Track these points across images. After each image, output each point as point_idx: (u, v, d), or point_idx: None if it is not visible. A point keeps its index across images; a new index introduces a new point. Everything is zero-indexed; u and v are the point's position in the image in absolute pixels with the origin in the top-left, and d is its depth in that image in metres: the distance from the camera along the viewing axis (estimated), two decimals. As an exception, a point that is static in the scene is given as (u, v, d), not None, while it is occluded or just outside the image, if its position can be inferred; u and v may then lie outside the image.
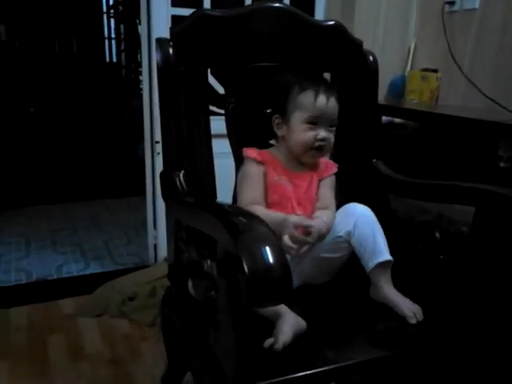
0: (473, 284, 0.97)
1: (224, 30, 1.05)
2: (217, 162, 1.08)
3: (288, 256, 0.74)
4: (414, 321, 0.86)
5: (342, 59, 1.19)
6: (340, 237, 0.94)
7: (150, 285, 1.73)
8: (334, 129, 1.00)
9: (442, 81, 1.84)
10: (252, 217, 0.71)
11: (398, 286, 0.92)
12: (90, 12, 4.80)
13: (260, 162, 1.01)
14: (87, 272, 2.03)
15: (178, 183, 0.97)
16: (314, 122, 0.97)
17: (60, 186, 3.16)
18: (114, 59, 5.18)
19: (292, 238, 0.87)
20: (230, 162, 1.11)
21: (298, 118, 0.98)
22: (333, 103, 0.98)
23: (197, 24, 1.03)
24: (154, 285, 1.72)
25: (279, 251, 0.63)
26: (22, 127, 3.92)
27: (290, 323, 0.79)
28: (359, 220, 0.93)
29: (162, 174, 1.03)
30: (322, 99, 0.97)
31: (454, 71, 1.79)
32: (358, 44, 1.19)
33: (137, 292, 1.69)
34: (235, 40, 1.07)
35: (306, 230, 0.89)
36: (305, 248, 0.89)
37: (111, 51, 5.15)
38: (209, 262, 0.85)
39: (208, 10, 1.04)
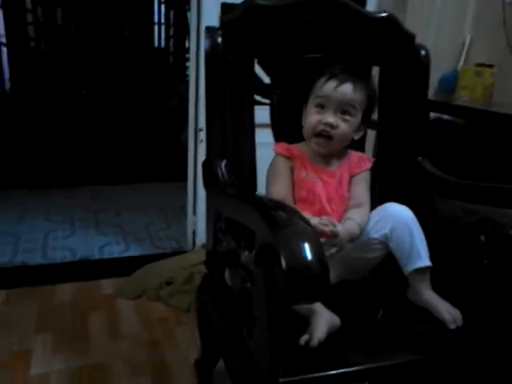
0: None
1: (274, 20, 1.04)
2: (258, 152, 1.08)
3: None
4: (453, 326, 0.83)
5: (392, 52, 1.15)
6: (376, 239, 0.92)
7: (187, 271, 1.76)
8: (348, 117, 0.95)
9: (497, 77, 1.75)
10: (292, 211, 0.71)
11: (438, 289, 0.90)
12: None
13: (288, 158, 1.00)
14: (127, 254, 2.09)
15: (219, 173, 0.98)
16: (321, 105, 0.95)
17: (105, 168, 3.26)
18: (163, 45, 5.24)
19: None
20: (271, 152, 1.10)
21: (310, 103, 0.98)
22: (347, 88, 0.94)
23: (247, 13, 1.02)
24: (191, 271, 1.75)
25: (318, 247, 0.62)
26: (74, 109, 4.04)
27: (324, 320, 0.79)
28: (397, 222, 0.90)
29: (204, 163, 1.03)
30: (331, 83, 0.95)
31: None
32: (410, 37, 1.15)
33: (174, 277, 1.73)
34: (285, 30, 1.06)
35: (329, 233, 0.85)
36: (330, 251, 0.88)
37: (160, 37, 5.21)
38: (246, 253, 0.85)
39: (259, -1, 1.02)
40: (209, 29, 1.02)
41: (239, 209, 0.83)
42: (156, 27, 5.17)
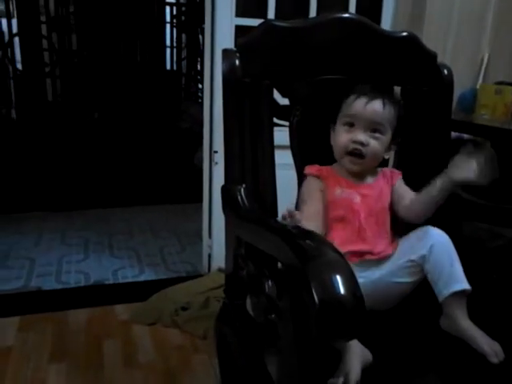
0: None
1: (293, 42, 1.02)
2: (278, 174, 1.05)
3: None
4: (495, 360, 0.77)
5: (414, 72, 1.13)
6: (413, 261, 0.88)
7: (203, 295, 1.72)
8: (378, 135, 0.94)
9: (517, 95, 1.72)
10: (321, 240, 0.67)
11: (472, 318, 0.85)
12: (153, 21, 4.95)
13: (319, 178, 0.97)
14: (141, 278, 2.06)
15: (239, 198, 0.95)
16: (351, 123, 0.94)
17: (118, 190, 3.25)
18: (175, 67, 5.30)
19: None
20: (291, 173, 1.08)
21: (339, 122, 0.96)
22: (377, 106, 0.93)
23: (265, 35, 1.00)
24: (207, 295, 1.71)
25: (352, 279, 0.58)
26: (87, 132, 4.08)
27: (357, 357, 0.74)
28: (436, 244, 0.86)
29: (223, 188, 1.00)
30: (361, 101, 0.93)
31: (532, 85, 1.67)
32: (432, 56, 1.13)
33: (190, 302, 1.69)
34: (303, 51, 1.04)
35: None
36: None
37: (172, 60, 5.27)
38: (270, 282, 0.81)
39: (276, 20, 1.01)
40: (226, 51, 1.00)
41: (262, 236, 0.80)
42: (168, 50, 5.23)
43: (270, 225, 0.80)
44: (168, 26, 5.18)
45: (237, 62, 0.98)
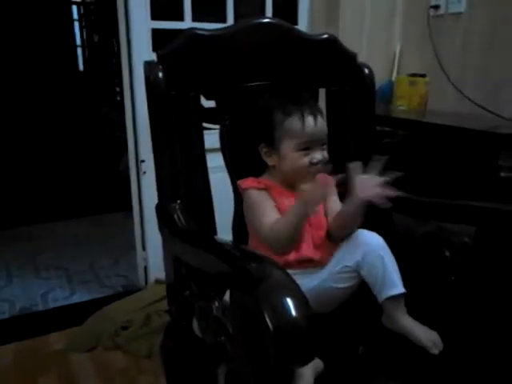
0: (488, 305, 0.94)
1: (216, 50, 1.00)
2: (213, 177, 1.03)
3: None
4: (435, 351, 0.82)
5: (336, 74, 1.15)
6: (349, 267, 0.89)
7: (143, 312, 1.66)
8: (325, 146, 0.96)
9: (430, 86, 1.82)
10: (264, 260, 0.66)
11: (410, 311, 0.88)
12: (60, 21, 4.67)
13: (263, 189, 0.96)
14: (74, 298, 1.95)
15: (175, 217, 0.91)
16: (306, 147, 0.93)
17: (39, 205, 3.05)
18: (88, 69, 5.04)
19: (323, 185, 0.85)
20: (225, 175, 1.06)
21: (288, 146, 0.93)
22: (320, 122, 0.94)
23: (187, 45, 0.97)
24: (147, 311, 1.65)
25: (302, 299, 0.57)
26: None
27: (309, 367, 0.74)
28: (368, 250, 0.87)
29: (157, 207, 0.96)
30: (309, 122, 0.92)
31: (441, 76, 1.77)
32: (352, 57, 1.15)
33: (130, 320, 1.62)
34: (227, 60, 1.02)
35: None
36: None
37: (85, 60, 5.02)
38: (217, 303, 0.79)
39: (198, 29, 0.98)
40: (148, 64, 0.96)
41: (204, 259, 0.77)
42: (80, 50, 4.97)
43: (212, 246, 0.78)
44: (77, 26, 4.93)
45: (160, 74, 0.94)
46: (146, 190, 1.81)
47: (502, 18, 1.58)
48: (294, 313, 0.55)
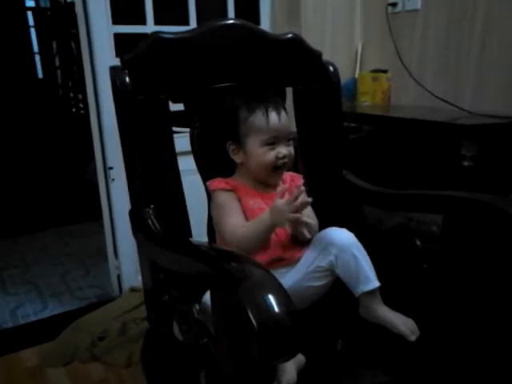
0: (459, 290, 0.97)
1: (181, 53, 1.00)
2: (186, 180, 1.04)
3: None
4: (413, 338, 0.84)
5: (302, 72, 1.16)
6: (322, 266, 0.91)
7: (119, 321, 1.63)
8: (290, 142, 0.98)
9: (392, 81, 1.86)
10: (243, 259, 0.66)
11: (385, 300, 0.90)
12: (14, 27, 4.52)
13: (230, 190, 0.97)
14: (46, 312, 1.88)
15: (149, 222, 0.91)
16: (272, 142, 0.95)
17: (4, 218, 2.94)
18: (48, 76, 4.91)
19: (295, 209, 0.85)
20: (198, 178, 1.07)
21: (254, 142, 0.95)
22: (285, 118, 0.96)
23: (152, 49, 0.96)
24: (123, 320, 1.63)
25: (284, 295, 0.58)
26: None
27: (291, 362, 0.75)
28: (340, 249, 0.89)
29: (131, 213, 0.95)
30: (273, 118, 0.94)
31: (402, 71, 1.81)
32: (317, 56, 1.17)
33: (106, 330, 1.59)
34: (193, 62, 1.02)
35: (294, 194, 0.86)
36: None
37: (44, 67, 4.88)
38: (197, 306, 0.79)
39: (162, 32, 0.98)
40: (114, 69, 0.95)
41: (182, 262, 0.77)
42: (38, 57, 4.82)
43: (189, 248, 0.78)
44: (34, 32, 4.78)
45: (127, 79, 0.93)
46: (116, 197, 1.78)
47: (455, 13, 1.64)
48: (277, 309, 0.56)
